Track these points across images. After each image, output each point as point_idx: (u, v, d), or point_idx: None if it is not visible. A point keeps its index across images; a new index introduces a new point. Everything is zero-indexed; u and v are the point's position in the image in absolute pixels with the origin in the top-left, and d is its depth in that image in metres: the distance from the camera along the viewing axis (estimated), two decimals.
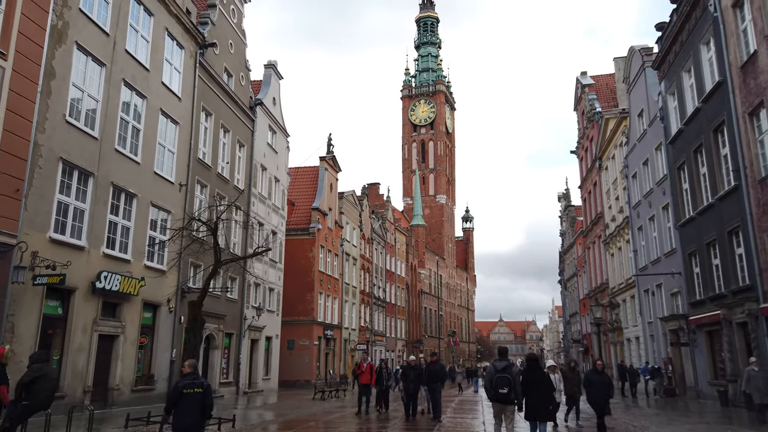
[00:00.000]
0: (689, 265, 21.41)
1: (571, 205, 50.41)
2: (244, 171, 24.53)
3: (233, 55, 23.68)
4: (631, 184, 28.97)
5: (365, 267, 45.85)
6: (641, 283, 27.69)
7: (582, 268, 44.70)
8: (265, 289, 26.85)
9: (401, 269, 57.98)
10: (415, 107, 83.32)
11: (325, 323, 35.28)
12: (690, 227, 21.06)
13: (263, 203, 26.70)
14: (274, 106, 28.45)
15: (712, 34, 18.48)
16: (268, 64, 28.34)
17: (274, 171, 28.30)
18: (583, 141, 41.46)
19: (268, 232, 27.08)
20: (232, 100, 23.27)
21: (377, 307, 48.83)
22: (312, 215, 34.88)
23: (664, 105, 23.42)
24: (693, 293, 21.13)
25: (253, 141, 25.32)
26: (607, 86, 40.06)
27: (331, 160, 38.15)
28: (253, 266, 24.99)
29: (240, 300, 23.68)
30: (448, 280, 78.91)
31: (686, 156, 21.07)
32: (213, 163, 21.46)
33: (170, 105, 18.37)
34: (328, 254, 36.87)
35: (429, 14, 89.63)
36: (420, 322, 64.69)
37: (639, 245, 28.06)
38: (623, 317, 31.64)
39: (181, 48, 19.24)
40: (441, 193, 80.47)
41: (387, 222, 53.24)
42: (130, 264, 15.88)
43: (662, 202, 24.23)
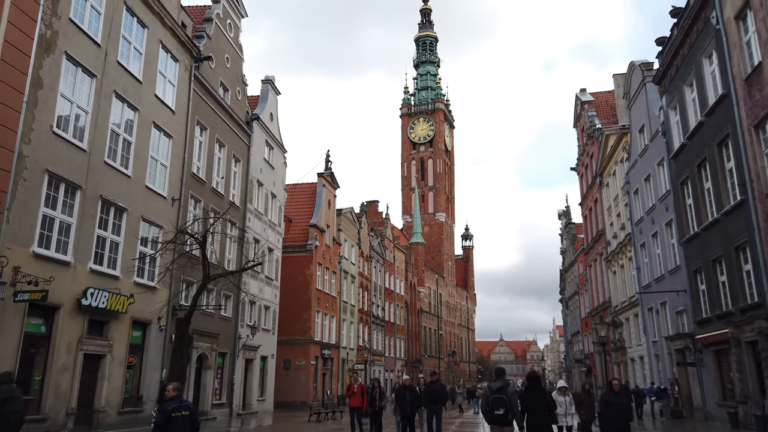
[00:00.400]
0: (694, 282, 20.89)
1: (572, 223, 49.98)
2: (240, 186, 24.13)
3: (229, 69, 23.42)
4: (632, 201, 28.56)
5: (364, 285, 45.24)
6: (645, 302, 27.12)
7: (583, 287, 44.11)
8: (261, 307, 26.26)
9: (400, 288, 57.33)
10: (414, 125, 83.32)
11: (322, 342, 34.59)
12: (695, 243, 20.59)
13: (259, 219, 26.25)
14: (272, 121, 28.15)
15: (714, 47, 18.19)
16: (266, 79, 28.11)
17: (271, 187, 27.89)
18: (583, 158, 41.17)
19: (263, 249, 26.58)
20: (228, 114, 22.95)
21: (376, 326, 48.11)
22: (309, 232, 34.40)
23: (666, 120, 23.10)
24: (699, 311, 20.58)
25: (249, 156, 24.95)
26: (606, 103, 39.90)
27: (329, 176, 37.79)
28: (248, 284, 24.46)
29: (234, 318, 23.10)
30: (447, 299, 78.14)
31: (689, 171, 20.68)
32: (207, 177, 21.06)
33: (163, 118, 18.02)
34: (326, 272, 36.32)
35: (428, 33, 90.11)
36: (420, 341, 63.83)
37: (642, 262, 27.54)
38: (627, 336, 31.00)
39: (175, 61, 18.95)
40: (440, 211, 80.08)
41: (386, 240, 52.74)
42: (118, 280, 15.37)
43: (665, 219, 23.79)
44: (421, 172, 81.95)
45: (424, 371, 56.18)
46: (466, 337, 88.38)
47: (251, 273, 24.89)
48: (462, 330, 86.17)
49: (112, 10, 15.42)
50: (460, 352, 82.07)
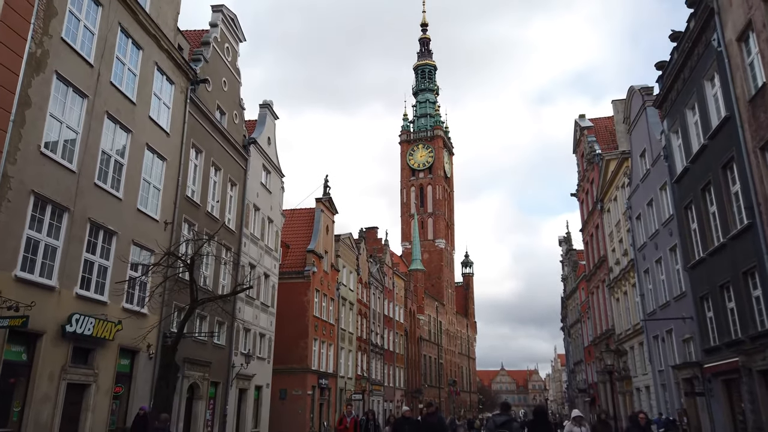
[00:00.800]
0: (701, 309, 20.32)
1: (573, 249, 49.45)
2: (236, 210, 23.71)
3: (227, 93, 23.23)
4: (635, 226, 28.13)
5: (362, 312, 44.50)
6: (650, 329, 26.47)
7: (586, 314, 43.36)
8: (256, 334, 25.60)
9: (400, 315, 56.49)
10: (413, 152, 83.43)
11: (319, 372, 33.75)
12: (700, 269, 20.08)
13: (255, 244, 25.77)
14: (269, 145, 27.89)
15: (716, 70, 17.98)
16: (264, 103, 27.95)
17: (268, 211, 27.48)
18: (584, 183, 40.89)
19: (259, 274, 26.03)
20: (225, 137, 22.67)
21: (375, 354, 47.18)
22: (307, 258, 33.87)
23: (668, 143, 22.82)
24: (707, 339, 19.96)
25: (245, 180, 24.60)
26: (606, 129, 39.78)
27: (327, 201, 37.42)
28: (243, 310, 23.87)
29: (228, 346, 22.43)
30: (448, 327, 77.10)
31: (693, 195, 20.30)
32: (202, 201, 20.65)
33: (157, 140, 17.69)
34: (324, 298, 35.67)
35: (427, 62, 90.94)
36: (419, 370, 62.67)
37: (646, 289, 26.98)
38: (631, 365, 30.23)
39: (171, 83, 18.72)
40: (440, 237, 79.62)
41: (385, 266, 52.13)
42: (106, 306, 14.82)
43: (669, 244, 23.32)
44: (420, 198, 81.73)
45: (424, 401, 55.00)
46: (467, 366, 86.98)
47: (246, 299, 24.31)
48: (462, 359, 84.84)
49: (106, 31, 15.21)
50: (461, 382, 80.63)
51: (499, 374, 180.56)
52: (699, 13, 18.71)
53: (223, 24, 22.94)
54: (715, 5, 17.37)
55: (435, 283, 76.72)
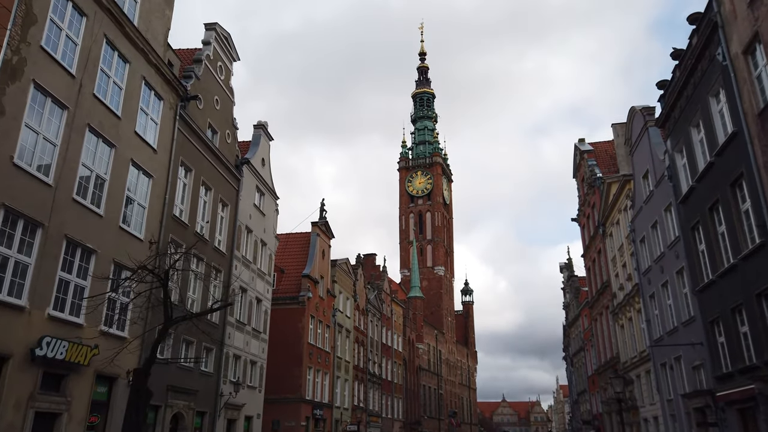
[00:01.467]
0: (712, 334, 19.40)
1: (575, 275, 48.51)
2: (227, 232, 22.94)
3: (219, 111, 22.69)
4: (639, 249, 27.32)
5: (359, 340, 43.32)
6: (657, 356, 25.44)
7: (589, 342, 42.21)
8: (246, 362, 24.55)
9: (398, 343, 55.18)
10: (412, 178, 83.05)
11: (314, 402, 32.51)
12: (710, 292, 19.22)
13: (247, 267, 24.92)
14: (263, 167, 27.26)
15: (721, 85, 17.43)
16: (258, 124, 27.43)
17: (261, 234, 26.70)
18: (584, 208, 40.22)
19: (251, 299, 25.12)
20: (216, 156, 22.04)
21: (372, 384, 45.80)
22: (302, 283, 32.95)
23: (672, 163, 22.19)
24: (719, 366, 18.98)
25: (237, 201, 23.89)
26: (606, 153, 39.30)
27: (323, 225, 36.67)
28: (233, 336, 22.90)
29: (216, 374, 21.39)
30: (447, 356, 75.50)
31: (701, 215, 19.57)
32: (191, 221, 19.90)
33: (143, 156, 17.03)
34: (319, 325, 34.62)
35: (425, 90, 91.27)
36: (419, 401, 61.00)
37: (652, 314, 26.04)
38: (638, 395, 29.06)
39: (159, 99, 18.16)
40: (439, 264, 78.63)
41: (383, 293, 51.09)
42: (82, 329, 13.94)
43: (676, 267, 22.49)
44: (419, 225, 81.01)
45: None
46: (468, 397, 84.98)
47: (236, 324, 23.36)
48: (463, 389, 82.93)
49: (90, 42, 14.68)
50: (462, 413, 78.63)
51: (500, 406, 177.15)
52: (702, 28, 18.27)
53: (216, 42, 22.54)
54: (719, 19, 16.91)
55: (434, 311, 75.42)
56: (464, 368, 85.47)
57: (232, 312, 22.93)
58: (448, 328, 78.45)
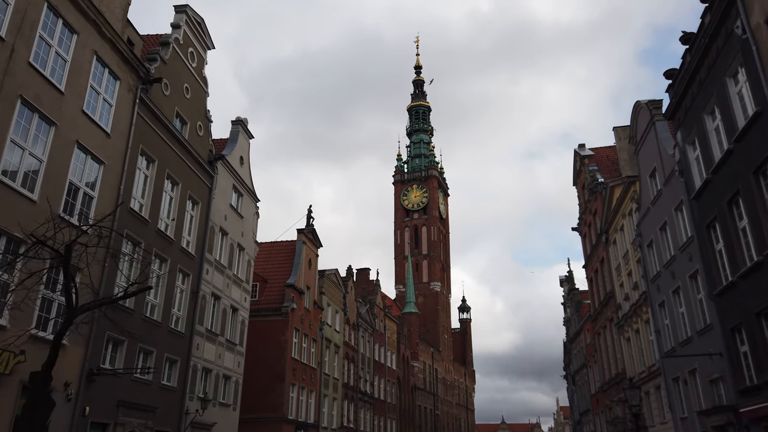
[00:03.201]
0: (733, 342, 17.36)
1: (576, 289, 46.42)
2: (197, 232, 20.93)
3: (189, 100, 20.85)
4: (646, 255, 25.35)
5: (350, 356, 41.01)
6: (668, 370, 23.32)
7: (592, 358, 39.96)
8: (219, 376, 22.35)
9: (392, 361, 52.78)
10: (407, 192, 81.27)
11: (297, 421, 30.18)
12: (730, 295, 17.24)
13: (221, 273, 22.86)
14: (241, 166, 25.36)
15: (741, 62, 15.67)
16: (236, 120, 25.58)
17: (238, 237, 24.69)
18: (586, 216, 38.32)
19: (225, 307, 23.01)
20: (185, 149, 20.14)
21: (363, 403, 43.37)
22: (285, 293, 30.84)
23: (683, 157, 20.35)
24: (741, 378, 16.92)
25: (210, 199, 21.93)
26: (607, 158, 37.56)
27: (310, 233, 34.67)
28: (202, 347, 20.76)
29: (180, 388, 19.21)
30: (444, 375, 72.91)
31: (718, 210, 17.67)
32: (152, 217, 17.91)
33: (94, 140, 15.13)
34: (305, 339, 32.42)
35: (420, 103, 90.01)
36: (414, 422, 58.37)
37: (662, 324, 23.97)
38: (647, 413, 26.82)
39: (115, 79, 16.31)
40: (435, 280, 76.45)
41: (376, 307, 48.87)
42: (5, 330, 11.87)
43: (689, 270, 20.52)
44: (414, 239, 78.99)
45: None
46: (465, 418, 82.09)
47: (206, 335, 21.23)
48: (461, 410, 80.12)
49: (26, 4, 12.85)
50: None
51: (500, 428, 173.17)
52: (716, 4, 16.61)
53: (187, 26, 20.79)
54: None
55: (430, 329, 73.05)
56: (462, 388, 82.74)
57: (202, 320, 20.82)
58: (445, 346, 75.98)
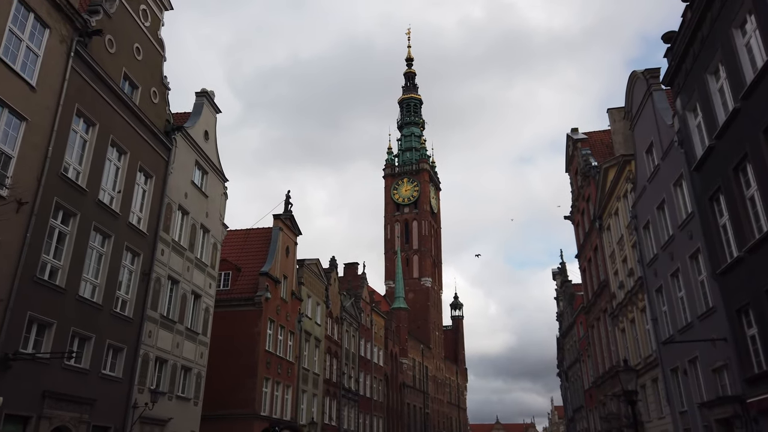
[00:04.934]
0: (739, 325, 15.60)
1: (568, 281, 44.69)
2: (150, 208, 19.01)
3: (141, 62, 18.93)
4: (642, 237, 23.60)
5: (332, 351, 39.11)
6: (666, 360, 21.55)
7: (585, 352, 38.21)
8: (176, 367, 20.41)
9: (379, 357, 50.91)
10: (398, 186, 79.43)
11: (271, 418, 28.26)
12: (736, 273, 15.48)
13: (180, 255, 20.94)
14: (206, 141, 23.45)
15: (750, 8, 13.92)
16: (201, 92, 23.63)
17: (202, 218, 22.77)
18: (579, 203, 36.59)
19: (185, 293, 21.09)
20: (135, 116, 18.22)
21: (347, 400, 41.48)
22: (259, 281, 28.93)
23: (683, 126, 18.61)
24: (749, 365, 15.17)
25: (167, 174, 20.01)
26: (601, 142, 35.85)
27: (287, 220, 32.76)
28: (155, 334, 18.84)
29: (127, 379, 17.28)
30: (435, 373, 71.05)
31: (722, 179, 15.91)
32: (91, 186, 15.99)
33: (13, 91, 13.23)
34: (281, 331, 30.52)
35: (412, 96, 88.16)
36: (402, 420, 56.51)
37: (659, 312, 22.22)
38: (644, 408, 25.05)
39: (44, 27, 14.40)
40: (426, 275, 74.60)
41: (362, 301, 46.98)
42: None
43: (689, 250, 18.77)
44: (405, 234, 77.13)
45: None
46: (457, 417, 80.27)
47: (160, 321, 19.30)
48: (452, 409, 78.30)
49: None
50: None
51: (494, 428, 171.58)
52: None
53: None
54: None
55: (421, 325, 71.21)
56: (453, 386, 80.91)
57: (156, 305, 18.90)
58: (436, 343, 74.14)
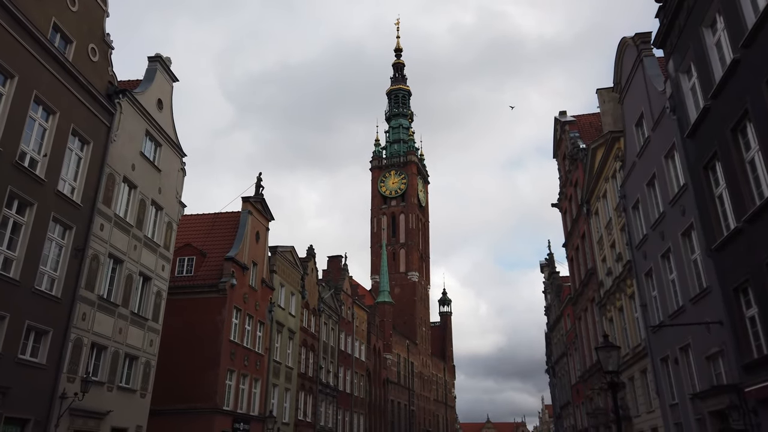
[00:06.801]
0: (737, 306, 13.95)
1: (556, 272, 43.07)
2: (86, 177, 17.11)
3: (77, 15, 17.04)
4: (631, 218, 21.96)
5: (308, 344, 37.26)
6: (656, 348, 19.89)
7: (572, 345, 36.58)
8: (119, 355, 18.52)
9: (361, 352, 49.12)
10: (385, 178, 77.61)
11: (236, 413, 26.40)
12: (733, 247, 13.83)
13: (125, 232, 19.04)
14: (160, 111, 21.55)
15: None
16: (155, 56, 21.72)
17: (153, 194, 20.89)
18: (566, 189, 34.98)
19: (130, 273, 19.21)
20: (67, 72, 16.33)
21: (325, 396, 39.66)
22: (224, 267, 27.05)
23: (676, 90, 16.95)
24: (747, 350, 13.54)
25: (108, 141, 18.12)
26: (590, 125, 34.24)
27: (258, 203, 30.88)
28: (90, 316, 16.96)
29: (52, 366, 15.39)
30: (421, 369, 69.34)
31: (718, 143, 14.25)
32: (7, 145, 14.10)
33: None
34: (249, 321, 28.66)
35: (400, 87, 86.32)
36: (386, 417, 54.76)
37: (649, 297, 20.56)
38: (631, 402, 23.42)
39: None
40: (413, 270, 72.81)
41: (342, 293, 45.16)
42: None
43: (681, 227, 17.11)
44: (392, 228, 75.32)
45: None
46: (444, 415, 78.60)
47: (98, 303, 17.41)
48: (439, 406, 76.62)
49: None
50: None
51: (485, 427, 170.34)
52: None
53: None
54: None
55: (407, 320, 69.43)
56: (440, 383, 79.24)
57: (92, 285, 17.02)
58: (423, 339, 72.41)
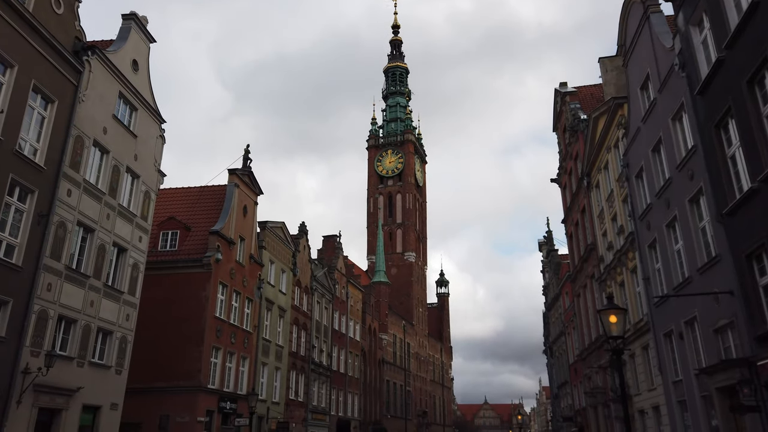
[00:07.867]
0: (750, 274, 12.88)
1: (554, 250, 42.05)
2: (50, 138, 15.92)
3: None
4: (635, 188, 20.84)
5: (300, 322, 36.34)
6: (659, 323, 18.88)
7: (571, 324, 35.66)
8: (90, 329, 17.48)
9: (355, 332, 48.27)
10: (381, 158, 76.28)
11: (222, 392, 25.49)
12: (747, 210, 12.73)
13: (96, 199, 17.89)
14: (135, 73, 20.28)
15: None
16: (130, 14, 20.37)
17: (128, 160, 19.70)
18: (566, 162, 33.78)
19: (103, 243, 18.10)
20: (27, 24, 15.07)
21: (318, 375, 38.85)
22: (209, 241, 25.97)
23: (686, 45, 15.69)
24: (761, 321, 12.50)
25: (75, 101, 16.90)
26: (592, 96, 32.99)
27: (246, 176, 29.70)
28: (56, 287, 15.88)
29: (13, 339, 14.34)
30: (417, 350, 68.69)
31: (733, 98, 13.08)
32: None
33: None
34: (236, 297, 27.64)
35: (398, 64, 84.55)
36: (381, 398, 54.14)
37: (652, 269, 19.51)
38: (632, 380, 22.49)
39: None
40: (410, 250, 71.80)
41: (336, 271, 44.17)
42: None
43: (689, 192, 15.98)
44: (389, 208, 74.18)
45: None
46: (441, 395, 78.19)
47: (66, 273, 16.32)
48: (436, 387, 76.17)
49: None
50: (433, 413, 71.87)
51: (482, 408, 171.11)
52: None
53: None
54: None
55: (403, 301, 68.64)
56: (437, 364, 78.72)
57: (59, 255, 15.92)
58: (419, 320, 71.69)
